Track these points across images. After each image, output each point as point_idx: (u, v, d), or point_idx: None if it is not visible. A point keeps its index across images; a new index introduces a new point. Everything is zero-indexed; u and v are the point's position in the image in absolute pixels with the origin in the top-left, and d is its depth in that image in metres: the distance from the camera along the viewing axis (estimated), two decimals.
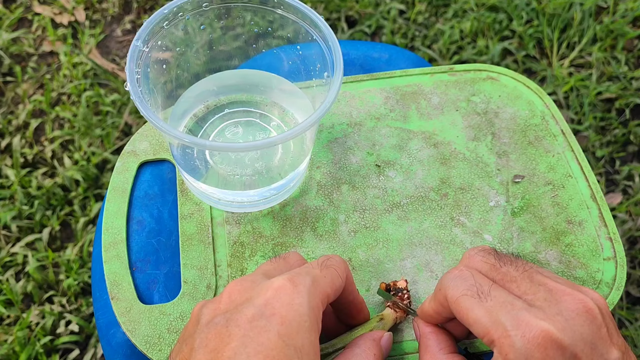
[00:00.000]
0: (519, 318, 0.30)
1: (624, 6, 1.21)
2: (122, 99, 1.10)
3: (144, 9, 1.26)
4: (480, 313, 0.31)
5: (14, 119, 1.08)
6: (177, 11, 0.42)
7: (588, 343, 0.29)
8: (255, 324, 0.28)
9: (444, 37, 1.18)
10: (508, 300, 0.31)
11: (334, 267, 0.33)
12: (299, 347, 0.28)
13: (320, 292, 0.31)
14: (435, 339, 0.36)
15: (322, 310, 0.31)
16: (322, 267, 0.32)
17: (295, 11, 0.43)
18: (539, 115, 0.51)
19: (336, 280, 0.32)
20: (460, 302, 0.32)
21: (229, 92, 0.49)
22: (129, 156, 0.49)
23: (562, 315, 0.30)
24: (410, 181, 0.48)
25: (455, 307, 0.32)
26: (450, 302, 0.33)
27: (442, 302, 0.34)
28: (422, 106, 0.52)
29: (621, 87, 1.12)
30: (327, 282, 0.32)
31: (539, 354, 0.29)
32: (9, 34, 1.19)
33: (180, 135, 0.36)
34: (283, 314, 0.28)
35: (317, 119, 0.37)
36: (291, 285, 0.29)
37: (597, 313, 0.31)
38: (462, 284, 0.33)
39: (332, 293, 0.32)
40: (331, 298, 0.32)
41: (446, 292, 0.33)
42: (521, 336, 0.29)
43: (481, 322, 0.31)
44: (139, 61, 0.40)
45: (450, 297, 0.33)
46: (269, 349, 0.27)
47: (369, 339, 0.35)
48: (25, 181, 1.00)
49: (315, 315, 0.30)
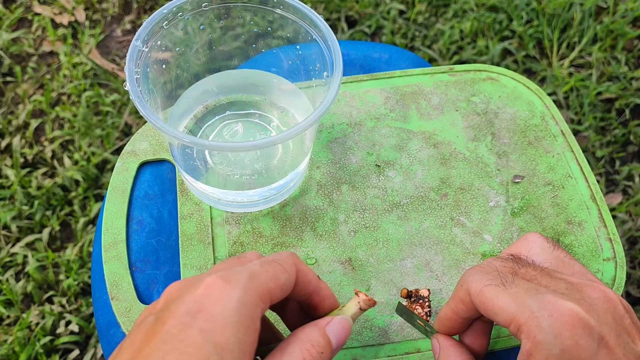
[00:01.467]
0: (545, 300, 0.30)
1: (624, 6, 1.21)
2: (122, 99, 1.10)
3: (143, 9, 1.26)
4: (506, 299, 0.31)
5: (14, 119, 1.08)
6: (177, 11, 0.42)
7: (613, 329, 0.29)
8: (179, 320, 0.27)
9: (444, 37, 1.18)
10: (532, 287, 0.31)
11: (278, 261, 0.31)
12: (220, 344, 0.26)
13: (259, 287, 0.29)
14: (456, 351, 0.35)
15: (265, 307, 0.29)
16: (264, 263, 0.30)
17: (295, 11, 0.43)
18: (539, 116, 0.51)
19: (280, 274, 0.30)
20: (485, 292, 0.32)
21: (228, 92, 0.49)
22: (129, 156, 0.49)
23: (585, 300, 0.30)
24: (410, 181, 0.48)
25: (479, 298, 0.32)
26: (473, 295, 0.32)
27: (463, 298, 0.33)
28: (422, 106, 0.52)
29: (621, 87, 1.12)
30: (269, 277, 0.30)
31: (567, 332, 0.28)
32: (9, 34, 1.19)
33: (180, 135, 0.36)
34: (210, 310, 0.27)
35: (316, 119, 0.37)
36: (222, 281, 0.28)
37: (618, 303, 0.31)
38: (485, 276, 0.32)
39: (277, 288, 0.30)
40: (277, 293, 0.30)
41: (469, 286, 0.33)
42: (548, 316, 0.29)
43: (507, 309, 0.30)
44: (139, 61, 0.40)
45: (474, 289, 0.32)
46: (187, 346, 0.26)
47: (310, 327, 0.31)
48: (25, 181, 1.00)
49: (249, 311, 0.28)
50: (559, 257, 0.35)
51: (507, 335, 0.41)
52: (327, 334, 0.31)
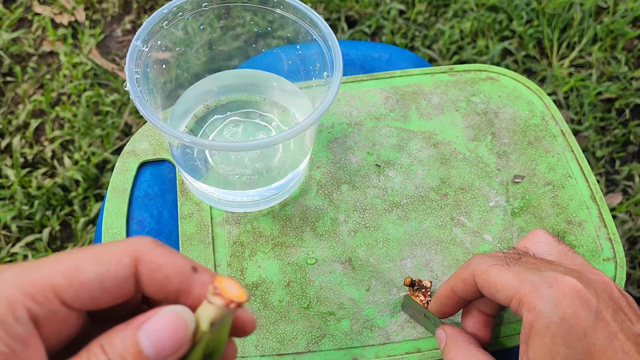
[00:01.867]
0: (546, 275, 0.31)
1: (624, 6, 1.21)
2: (122, 99, 1.10)
3: (143, 9, 1.26)
4: (508, 276, 0.32)
5: (14, 119, 1.08)
6: (177, 11, 0.42)
7: (610, 306, 0.31)
8: None
9: (444, 37, 1.18)
10: (534, 267, 0.33)
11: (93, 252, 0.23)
12: None
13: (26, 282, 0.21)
14: (465, 337, 0.36)
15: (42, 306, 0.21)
16: (67, 252, 0.22)
17: (295, 11, 0.43)
18: (539, 116, 0.51)
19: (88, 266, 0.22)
20: (489, 271, 0.33)
21: (229, 92, 0.49)
22: (129, 156, 0.49)
23: (584, 279, 0.31)
24: (410, 181, 0.48)
25: (484, 277, 0.33)
26: (478, 275, 0.34)
27: (466, 278, 0.35)
28: (422, 106, 0.52)
29: (621, 87, 1.12)
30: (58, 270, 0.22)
31: (567, 302, 0.30)
32: (9, 34, 1.19)
33: (180, 135, 0.36)
34: None
35: (316, 119, 0.37)
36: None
37: (614, 287, 0.32)
38: (491, 259, 0.34)
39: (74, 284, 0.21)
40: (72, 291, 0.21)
41: (475, 267, 0.34)
42: (548, 287, 0.30)
43: (509, 284, 0.32)
44: (139, 61, 0.40)
45: (479, 270, 0.34)
46: None
47: (120, 327, 0.22)
48: (25, 181, 1.00)
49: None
50: (563, 251, 0.36)
51: (506, 335, 0.41)
52: (136, 338, 0.21)
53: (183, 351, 0.21)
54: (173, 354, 0.21)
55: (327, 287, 0.43)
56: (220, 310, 0.22)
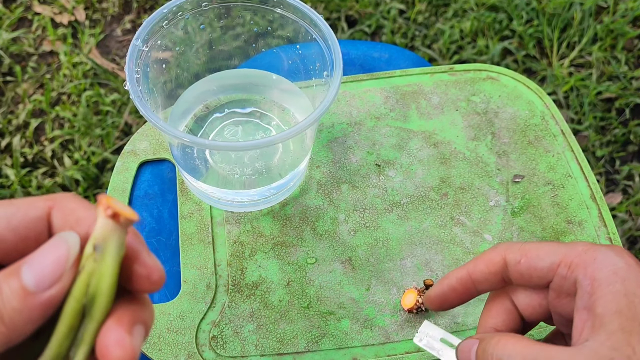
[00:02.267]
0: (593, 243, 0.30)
1: (624, 6, 1.21)
2: (122, 99, 1.10)
3: (143, 8, 1.26)
4: (551, 246, 0.30)
5: (14, 119, 1.08)
6: (177, 11, 0.42)
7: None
8: None
9: (444, 37, 1.18)
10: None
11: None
12: None
13: None
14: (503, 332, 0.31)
15: None
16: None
17: (295, 10, 0.43)
18: (539, 115, 0.51)
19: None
20: (526, 246, 0.30)
21: (228, 92, 0.49)
22: (129, 156, 0.49)
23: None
24: (410, 181, 0.48)
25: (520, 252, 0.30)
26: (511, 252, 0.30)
27: (491, 259, 0.31)
28: (422, 106, 0.52)
29: (621, 87, 1.12)
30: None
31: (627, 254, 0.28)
32: (9, 33, 1.19)
33: (180, 134, 0.36)
34: None
35: (316, 118, 0.37)
36: None
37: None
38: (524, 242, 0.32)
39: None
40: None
41: (506, 247, 0.31)
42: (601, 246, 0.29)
43: (554, 250, 0.29)
44: (139, 61, 0.40)
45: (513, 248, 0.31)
46: None
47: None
48: (25, 181, 1.00)
49: None
50: None
51: None
52: (20, 270, 0.19)
53: (66, 279, 0.19)
54: (55, 282, 0.19)
55: (327, 286, 0.43)
56: (104, 227, 0.19)
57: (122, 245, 0.20)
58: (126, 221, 0.20)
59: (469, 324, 0.41)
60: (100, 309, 0.20)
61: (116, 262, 0.20)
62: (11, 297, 0.18)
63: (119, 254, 0.20)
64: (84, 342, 0.19)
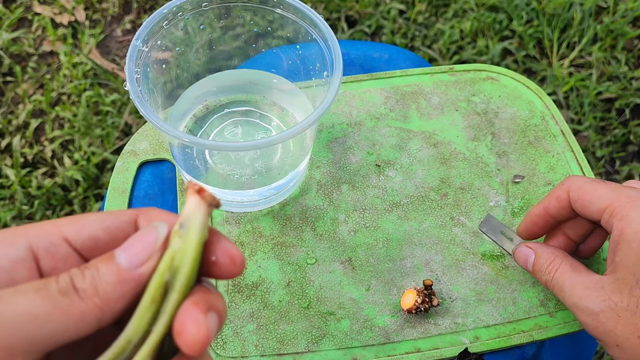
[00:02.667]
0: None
1: (624, 6, 1.21)
2: (122, 99, 1.10)
3: (143, 8, 1.26)
4: (605, 190, 0.35)
5: (14, 119, 1.08)
6: (177, 11, 0.42)
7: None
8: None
9: (444, 37, 1.18)
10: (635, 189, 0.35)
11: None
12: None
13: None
14: (554, 249, 0.39)
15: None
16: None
17: (295, 11, 0.43)
18: (539, 116, 0.51)
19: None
20: (585, 186, 0.36)
21: (228, 92, 0.49)
22: (129, 156, 0.49)
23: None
24: (410, 181, 0.48)
25: (579, 192, 0.36)
26: (572, 190, 0.36)
27: (560, 195, 0.37)
28: (422, 106, 0.52)
29: (621, 87, 1.12)
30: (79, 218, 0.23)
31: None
32: (9, 34, 1.19)
33: (180, 134, 0.36)
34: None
35: (316, 118, 0.37)
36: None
37: None
38: (588, 178, 0.37)
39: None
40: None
41: (571, 183, 0.37)
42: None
43: (604, 196, 0.35)
44: (139, 61, 0.40)
45: (575, 185, 0.36)
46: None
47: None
48: (25, 181, 1.00)
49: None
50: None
51: (512, 333, 0.41)
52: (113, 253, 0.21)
53: (156, 258, 0.21)
54: (145, 261, 0.21)
55: (327, 287, 0.43)
56: (190, 205, 0.21)
57: (205, 225, 0.21)
58: (210, 198, 0.21)
59: (469, 324, 0.41)
60: (183, 282, 0.20)
61: (199, 238, 0.21)
62: (107, 273, 0.20)
63: (202, 232, 0.21)
64: (165, 314, 0.20)
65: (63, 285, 0.20)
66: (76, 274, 0.20)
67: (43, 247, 0.21)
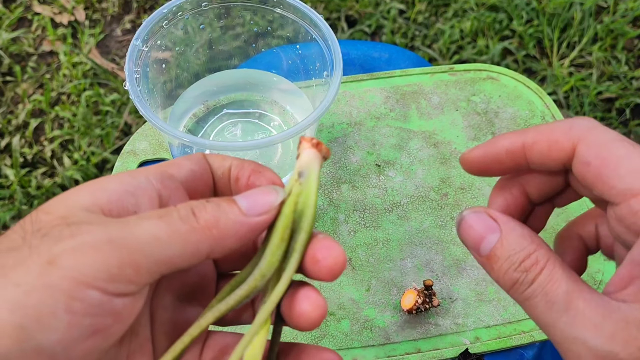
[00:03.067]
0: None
1: (624, 6, 1.21)
2: (121, 99, 1.10)
3: (143, 8, 1.26)
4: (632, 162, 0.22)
5: (13, 119, 1.08)
6: (177, 10, 0.42)
7: None
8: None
9: (444, 37, 1.17)
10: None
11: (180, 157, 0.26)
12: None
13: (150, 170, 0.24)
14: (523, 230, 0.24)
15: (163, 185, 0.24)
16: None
17: (295, 10, 0.42)
18: (539, 115, 0.51)
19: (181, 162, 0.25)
20: (611, 145, 0.23)
21: (228, 92, 0.48)
22: (128, 156, 0.48)
23: None
24: (411, 181, 0.48)
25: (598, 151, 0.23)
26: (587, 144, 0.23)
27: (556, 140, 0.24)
28: (422, 106, 0.52)
29: (621, 87, 1.12)
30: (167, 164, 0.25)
31: None
32: (8, 33, 1.19)
33: (180, 134, 0.36)
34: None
35: (316, 118, 0.37)
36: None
37: None
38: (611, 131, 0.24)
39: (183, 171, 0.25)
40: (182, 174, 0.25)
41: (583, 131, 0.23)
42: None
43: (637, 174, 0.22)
44: (139, 60, 0.40)
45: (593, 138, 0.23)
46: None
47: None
48: (25, 181, 0.99)
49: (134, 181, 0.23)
50: None
51: (507, 335, 0.41)
52: (233, 198, 0.23)
53: (273, 213, 0.23)
54: (263, 213, 0.23)
55: (327, 287, 0.43)
56: (307, 156, 0.24)
57: (319, 174, 0.24)
58: (325, 151, 0.24)
59: (469, 325, 0.41)
60: (308, 221, 0.23)
61: (317, 184, 0.24)
62: (228, 210, 0.22)
63: (318, 179, 0.24)
64: (296, 251, 0.23)
65: (184, 213, 0.21)
66: (197, 205, 0.22)
67: (159, 180, 0.23)
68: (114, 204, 0.22)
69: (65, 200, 0.21)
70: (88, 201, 0.21)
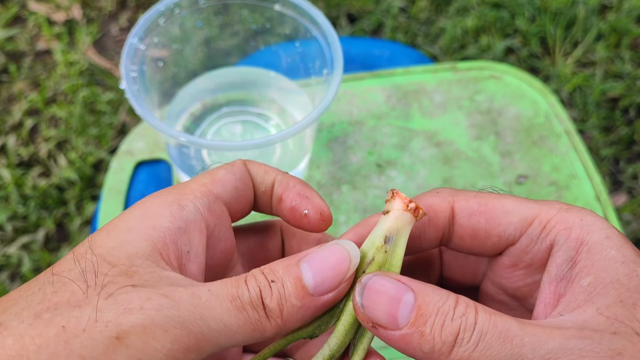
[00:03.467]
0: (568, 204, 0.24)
1: (629, 4, 1.20)
2: (118, 98, 1.09)
3: (140, 6, 1.25)
4: (519, 200, 0.23)
5: (9, 118, 1.07)
6: (174, 8, 0.41)
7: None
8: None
9: (446, 35, 1.17)
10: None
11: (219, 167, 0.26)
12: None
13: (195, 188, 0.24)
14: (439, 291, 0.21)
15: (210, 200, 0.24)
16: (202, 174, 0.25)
17: (294, 7, 0.42)
18: (543, 115, 0.50)
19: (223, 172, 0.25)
20: (484, 197, 0.24)
21: (226, 90, 0.48)
22: (124, 156, 0.48)
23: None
24: (413, 181, 0.47)
25: (477, 200, 0.24)
26: (463, 200, 0.24)
27: (431, 207, 0.24)
28: (424, 105, 0.51)
29: (625, 86, 1.11)
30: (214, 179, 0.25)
31: (608, 223, 0.22)
32: (4, 32, 1.18)
33: (177, 134, 0.35)
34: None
35: (316, 117, 0.36)
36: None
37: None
38: (473, 192, 0.25)
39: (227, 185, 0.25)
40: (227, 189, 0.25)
41: (455, 194, 0.25)
42: (580, 208, 0.23)
43: (523, 206, 0.23)
44: (135, 59, 0.39)
45: (465, 195, 0.24)
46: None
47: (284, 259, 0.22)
48: (20, 181, 0.99)
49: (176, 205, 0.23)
50: None
51: None
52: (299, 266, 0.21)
53: (344, 288, 0.21)
54: (332, 289, 0.21)
55: None
56: (399, 219, 0.21)
57: (408, 232, 0.21)
58: (422, 217, 0.21)
59: None
60: None
61: (403, 254, 0.21)
62: (292, 294, 0.21)
63: (405, 244, 0.21)
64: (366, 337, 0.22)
65: (254, 295, 0.21)
66: (264, 287, 0.21)
67: (207, 207, 0.23)
68: (170, 247, 0.22)
69: (124, 247, 0.21)
70: (147, 248, 0.21)
